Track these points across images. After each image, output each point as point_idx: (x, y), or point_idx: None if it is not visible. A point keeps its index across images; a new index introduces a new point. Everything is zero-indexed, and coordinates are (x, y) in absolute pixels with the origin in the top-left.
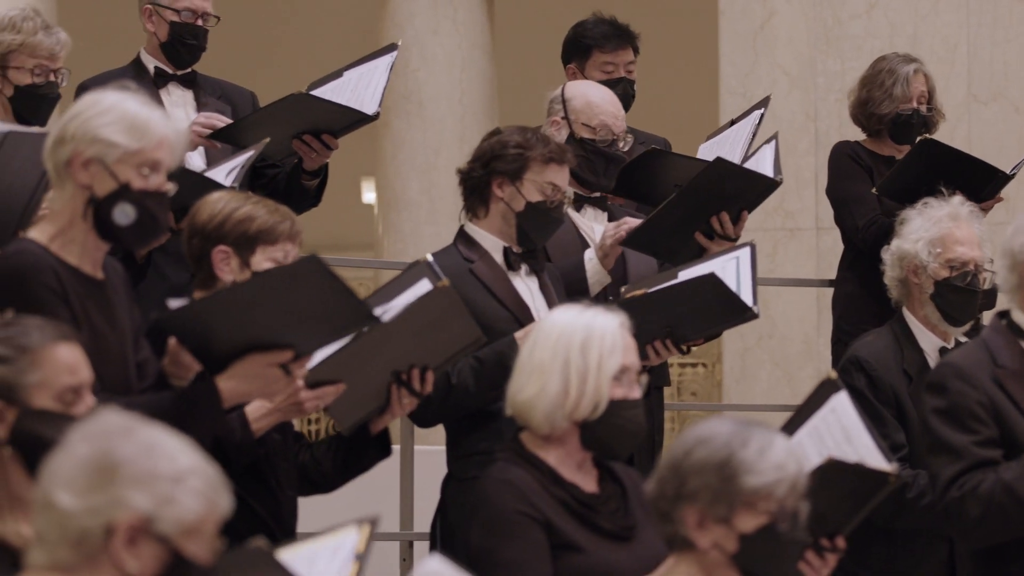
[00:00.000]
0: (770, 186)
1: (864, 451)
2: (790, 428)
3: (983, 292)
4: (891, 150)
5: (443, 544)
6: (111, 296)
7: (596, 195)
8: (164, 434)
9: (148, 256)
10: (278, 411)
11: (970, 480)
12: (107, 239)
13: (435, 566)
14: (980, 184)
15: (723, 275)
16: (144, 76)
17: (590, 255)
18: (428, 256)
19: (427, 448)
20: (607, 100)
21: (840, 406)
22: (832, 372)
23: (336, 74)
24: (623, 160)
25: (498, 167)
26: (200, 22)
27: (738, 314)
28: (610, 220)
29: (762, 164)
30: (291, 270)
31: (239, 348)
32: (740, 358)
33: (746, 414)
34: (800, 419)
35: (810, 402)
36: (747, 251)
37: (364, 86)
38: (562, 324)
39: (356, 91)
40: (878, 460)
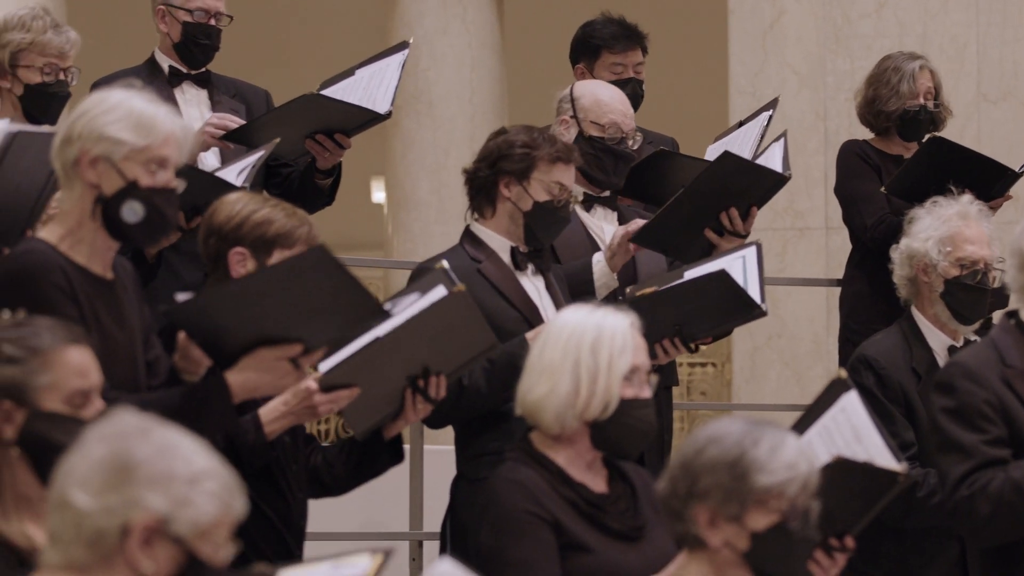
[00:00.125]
0: (779, 181)
1: (874, 451)
2: (800, 427)
3: (993, 291)
4: (899, 149)
5: (453, 544)
6: (120, 296)
7: (606, 195)
8: (181, 435)
9: (158, 255)
10: (292, 414)
11: (980, 479)
12: (117, 238)
13: (446, 569)
14: (989, 182)
15: (730, 273)
16: (158, 75)
17: (598, 258)
18: (444, 263)
19: (437, 448)
20: (616, 98)
21: (850, 405)
22: (842, 371)
23: (348, 72)
24: (633, 158)
25: (505, 167)
26: (213, 22)
27: (746, 312)
28: (620, 220)
29: (771, 160)
30: (298, 260)
31: (248, 342)
32: (750, 358)
33: (756, 414)
34: (810, 418)
35: (820, 402)
36: (753, 250)
37: (376, 84)
38: (573, 324)
39: (368, 89)
40: (888, 460)
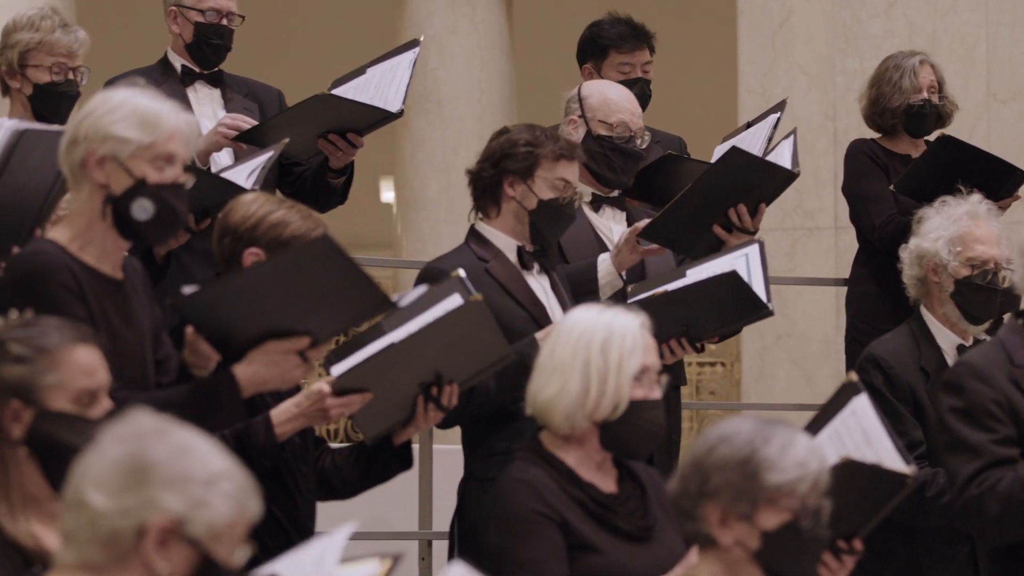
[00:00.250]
0: (788, 178)
1: (884, 454)
2: (811, 431)
3: (1003, 291)
4: (907, 148)
5: (462, 544)
6: (129, 295)
7: (614, 195)
8: (197, 436)
9: (167, 255)
10: (304, 416)
11: (988, 478)
12: (128, 237)
13: (459, 573)
14: (998, 182)
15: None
16: (171, 75)
17: (604, 257)
18: (460, 272)
19: (446, 447)
20: (624, 97)
21: (860, 408)
22: (852, 375)
23: (359, 71)
24: (641, 156)
25: (509, 166)
26: (225, 22)
27: (754, 312)
28: (628, 221)
29: (780, 157)
30: (303, 251)
31: (256, 335)
32: (759, 357)
33: (765, 413)
34: (821, 422)
35: (831, 405)
36: (756, 248)
37: (387, 83)
38: (583, 324)
39: (379, 88)
40: (897, 462)
